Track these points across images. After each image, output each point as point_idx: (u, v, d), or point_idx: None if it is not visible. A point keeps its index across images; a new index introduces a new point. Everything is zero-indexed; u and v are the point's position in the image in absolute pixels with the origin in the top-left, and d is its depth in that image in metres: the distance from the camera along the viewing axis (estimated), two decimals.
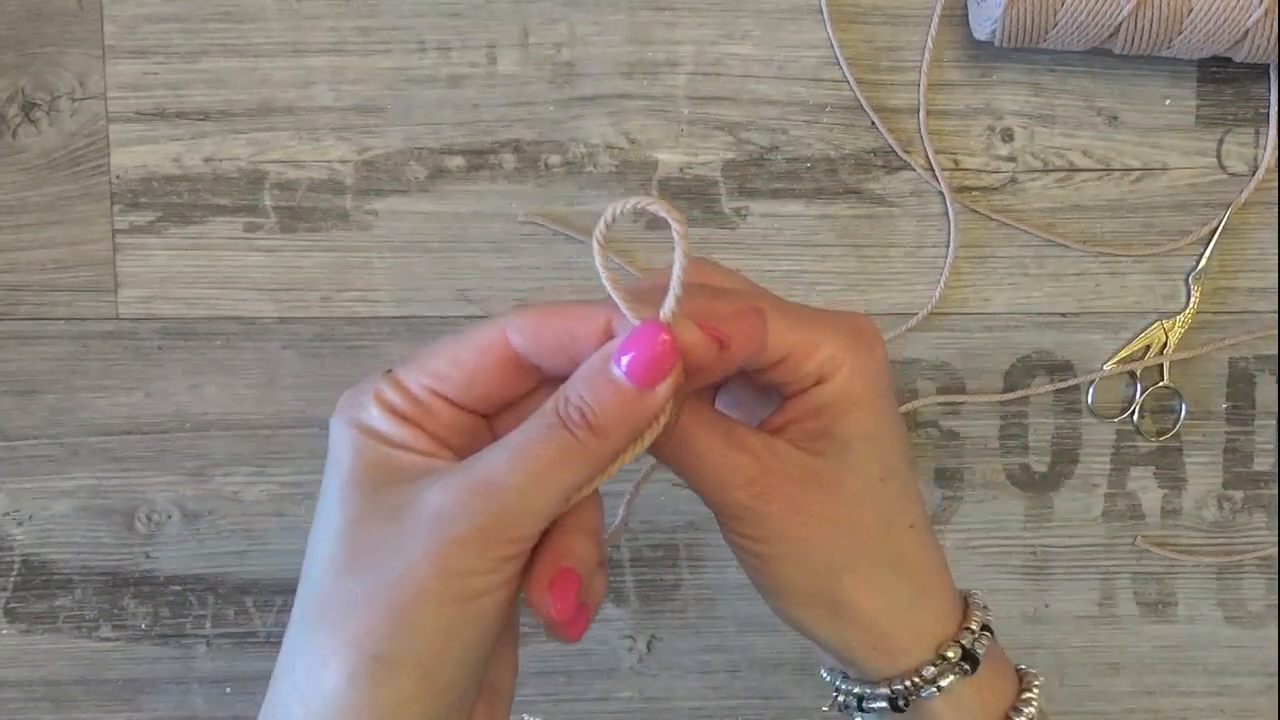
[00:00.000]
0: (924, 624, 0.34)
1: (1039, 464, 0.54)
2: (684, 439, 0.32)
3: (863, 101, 0.51)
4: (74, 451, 0.52)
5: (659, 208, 0.31)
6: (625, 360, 0.29)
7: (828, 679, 0.37)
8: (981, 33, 0.50)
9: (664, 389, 0.30)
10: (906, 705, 0.34)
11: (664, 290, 0.30)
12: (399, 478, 0.30)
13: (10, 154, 0.50)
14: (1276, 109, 0.52)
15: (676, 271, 0.30)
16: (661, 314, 0.30)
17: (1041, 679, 0.36)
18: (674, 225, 0.30)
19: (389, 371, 0.32)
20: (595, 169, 0.51)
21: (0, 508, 0.52)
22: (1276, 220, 0.53)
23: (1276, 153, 0.52)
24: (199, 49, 0.50)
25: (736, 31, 0.51)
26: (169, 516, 0.53)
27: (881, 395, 0.34)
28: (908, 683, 0.34)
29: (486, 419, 0.32)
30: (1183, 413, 0.53)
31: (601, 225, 0.31)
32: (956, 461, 0.54)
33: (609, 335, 0.31)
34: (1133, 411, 0.53)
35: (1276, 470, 0.54)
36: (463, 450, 0.31)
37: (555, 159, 0.51)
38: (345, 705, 0.28)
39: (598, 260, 0.31)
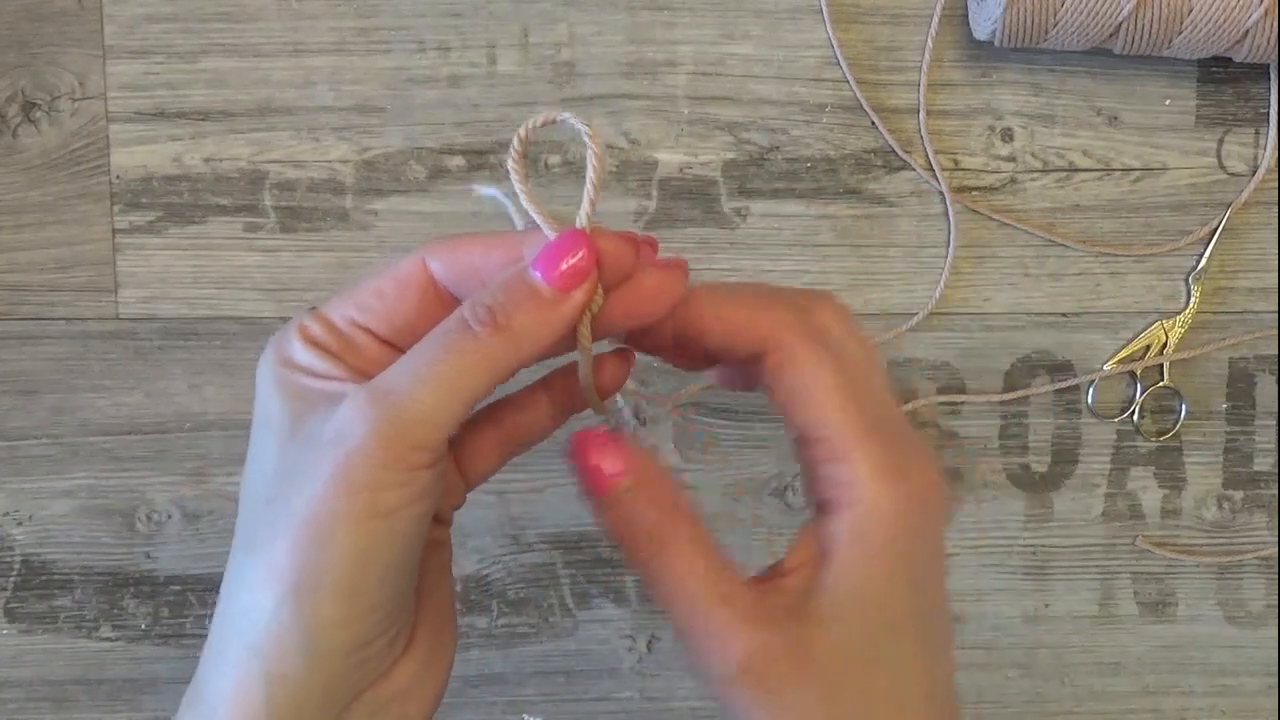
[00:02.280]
0: None
1: (1039, 464, 0.54)
2: (673, 583, 0.31)
3: (863, 101, 0.51)
4: (74, 451, 0.52)
5: (572, 119, 0.31)
6: (538, 264, 0.30)
7: None
8: (981, 33, 0.50)
9: (579, 295, 0.30)
10: None
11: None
12: (318, 405, 0.30)
13: (10, 154, 0.50)
14: (1276, 109, 0.52)
15: (590, 177, 0.31)
16: (577, 221, 0.31)
17: None
18: (585, 135, 0.31)
19: (313, 307, 0.32)
20: (595, 169, 0.51)
21: (0, 508, 0.52)
22: (1276, 220, 0.53)
23: (1276, 153, 0.52)
24: (199, 49, 0.50)
25: (736, 31, 0.51)
26: (169, 516, 0.53)
27: (905, 552, 0.30)
28: None
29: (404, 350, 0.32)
30: (1183, 413, 0.53)
31: (516, 142, 0.31)
32: (956, 461, 0.54)
33: (521, 258, 0.31)
34: (1133, 411, 0.53)
35: (1276, 470, 0.54)
36: None
37: (555, 159, 0.51)
38: (274, 632, 0.28)
39: (514, 177, 0.31)
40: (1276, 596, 0.55)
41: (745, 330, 0.31)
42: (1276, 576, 0.55)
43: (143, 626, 0.53)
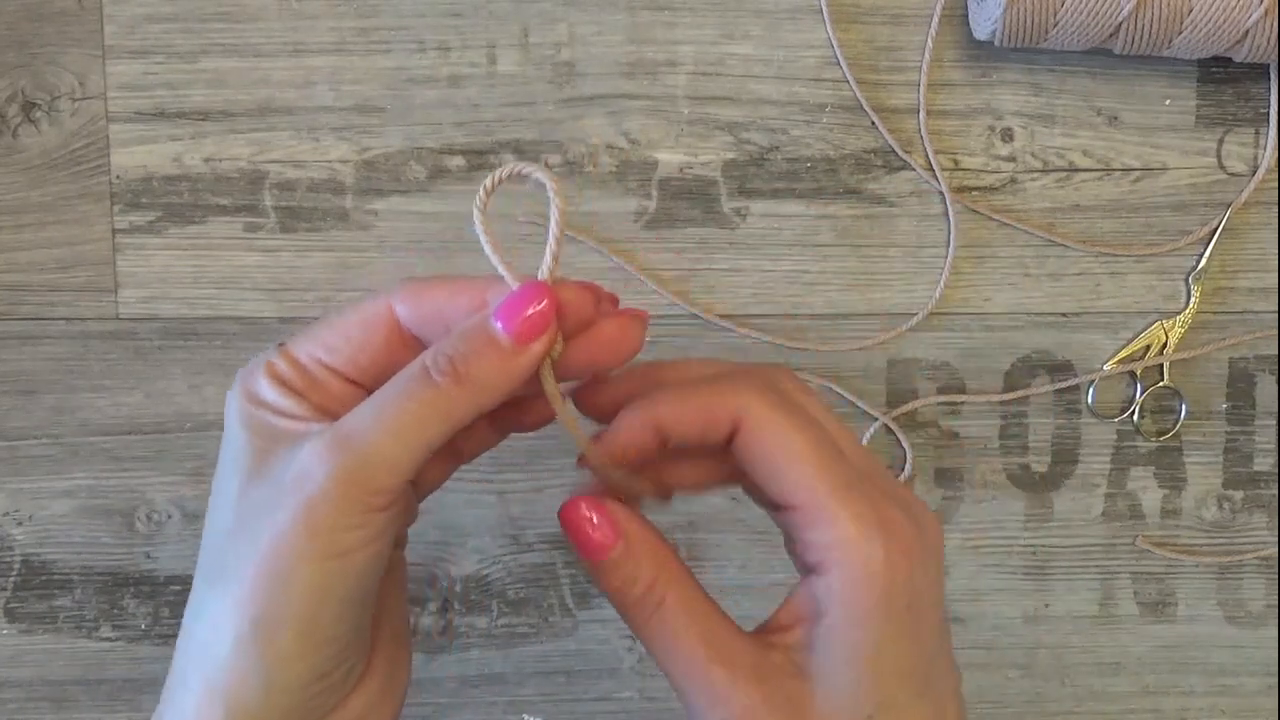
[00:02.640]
0: None
1: (1039, 464, 0.54)
2: (671, 643, 0.32)
3: (863, 101, 0.51)
4: (74, 451, 0.52)
5: (537, 173, 0.32)
6: (499, 315, 0.30)
7: None
8: (981, 33, 0.50)
9: (538, 346, 0.31)
10: None
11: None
12: (282, 443, 0.31)
13: (10, 154, 0.50)
14: (1276, 109, 0.52)
15: (552, 230, 0.31)
16: (540, 272, 0.31)
17: None
18: (549, 187, 0.31)
19: (282, 345, 0.32)
20: (595, 169, 0.51)
21: (0, 508, 0.52)
22: (1276, 220, 0.53)
23: (1276, 153, 0.52)
24: (199, 49, 0.50)
25: (736, 31, 0.51)
26: (169, 516, 0.53)
27: (899, 608, 0.30)
28: None
29: (369, 390, 0.33)
30: (1183, 413, 0.53)
31: (482, 193, 0.32)
32: (956, 461, 0.54)
33: (484, 304, 0.32)
34: (1133, 411, 0.53)
35: (1276, 470, 0.54)
36: None
37: (555, 159, 0.51)
38: (233, 666, 0.29)
39: (478, 225, 0.32)
40: (1276, 596, 0.55)
41: (715, 411, 0.32)
42: (1276, 576, 0.55)
43: (143, 626, 0.53)
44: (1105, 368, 0.53)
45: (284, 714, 0.30)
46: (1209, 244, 0.53)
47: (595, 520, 0.32)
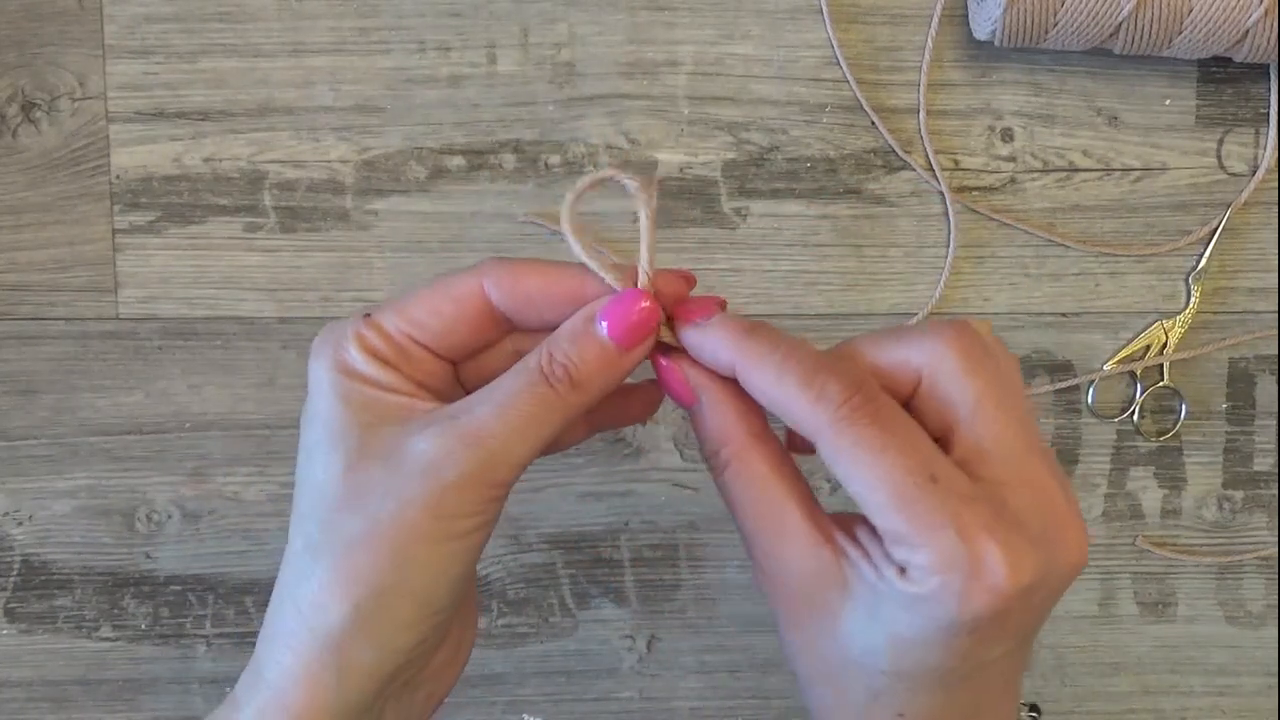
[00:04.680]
0: None
1: None
2: (741, 488, 0.33)
3: (863, 101, 0.51)
4: (74, 451, 0.52)
5: (626, 180, 0.33)
6: (607, 322, 0.32)
7: None
8: (981, 33, 0.50)
9: (640, 351, 0.32)
10: None
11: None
12: (387, 419, 0.32)
13: (10, 154, 0.50)
14: (1276, 109, 0.52)
15: (645, 233, 0.32)
16: (639, 279, 0.32)
17: None
18: (638, 194, 0.32)
19: (368, 315, 0.33)
20: (595, 169, 0.51)
21: (0, 508, 0.52)
22: (1276, 220, 0.53)
23: (1276, 153, 0.52)
24: (199, 49, 0.50)
25: (736, 31, 0.51)
26: (169, 516, 0.53)
27: (957, 653, 0.31)
28: None
29: (454, 366, 0.34)
30: (1183, 413, 0.53)
31: (569, 199, 0.33)
32: None
33: (581, 295, 0.33)
34: (1133, 411, 0.53)
35: (1276, 470, 0.54)
36: (439, 393, 0.34)
37: (555, 159, 0.51)
38: (350, 630, 0.31)
39: (569, 236, 0.33)
40: (1276, 596, 0.55)
41: (786, 414, 0.32)
42: (1276, 576, 0.55)
43: (143, 626, 0.53)
44: (1105, 368, 0.53)
45: (390, 672, 0.32)
46: (1209, 244, 0.53)
47: (675, 379, 0.33)
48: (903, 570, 0.30)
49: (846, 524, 0.33)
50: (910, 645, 0.31)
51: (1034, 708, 0.34)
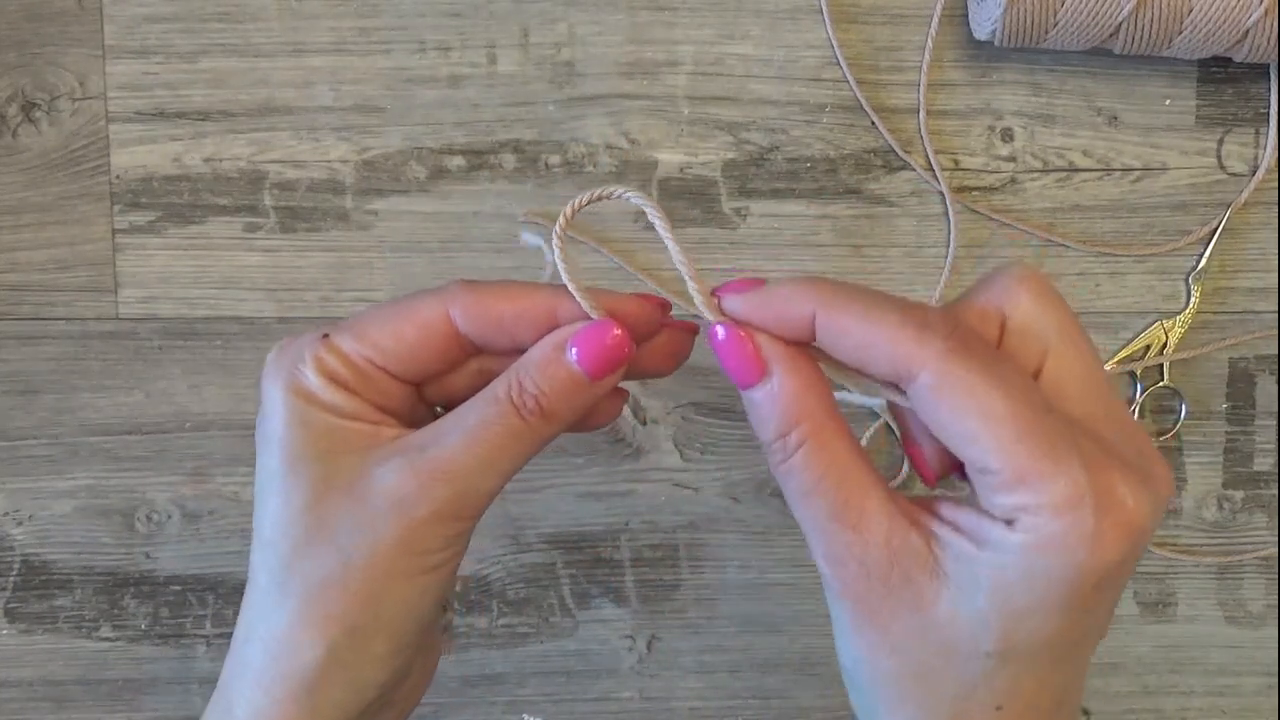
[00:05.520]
0: None
1: None
2: (802, 482, 0.31)
3: (863, 101, 0.51)
4: (74, 451, 0.52)
5: (639, 198, 0.33)
6: (576, 351, 0.31)
7: None
8: (981, 33, 0.50)
9: (612, 380, 0.32)
10: None
11: (613, 294, 0.32)
12: (348, 447, 0.31)
13: (10, 154, 0.50)
14: (1276, 109, 0.52)
15: (675, 253, 0.32)
16: (696, 300, 0.31)
17: None
18: (652, 213, 0.32)
19: (325, 336, 0.32)
20: (595, 169, 0.51)
21: (0, 508, 0.52)
22: (1276, 220, 0.53)
23: (1276, 153, 0.52)
24: (199, 49, 0.50)
25: (736, 31, 0.51)
26: (169, 516, 0.53)
27: (1086, 589, 0.28)
28: None
29: (416, 388, 0.34)
30: (1183, 413, 0.53)
31: (562, 220, 0.32)
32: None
33: (552, 320, 0.32)
34: (1133, 411, 0.53)
35: (1276, 470, 0.54)
36: (401, 415, 0.33)
37: (555, 159, 0.51)
38: (323, 671, 0.31)
39: (557, 255, 0.32)
40: (1276, 596, 0.55)
41: (880, 354, 0.29)
42: (1276, 576, 0.55)
43: (143, 626, 0.53)
44: (1105, 368, 0.53)
45: (363, 706, 0.32)
46: (1209, 244, 0.53)
47: (744, 350, 0.31)
48: (1011, 524, 0.28)
49: (925, 505, 0.31)
50: (1025, 614, 0.28)
51: (1084, 710, 0.33)
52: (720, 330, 0.31)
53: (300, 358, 0.32)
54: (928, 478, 0.33)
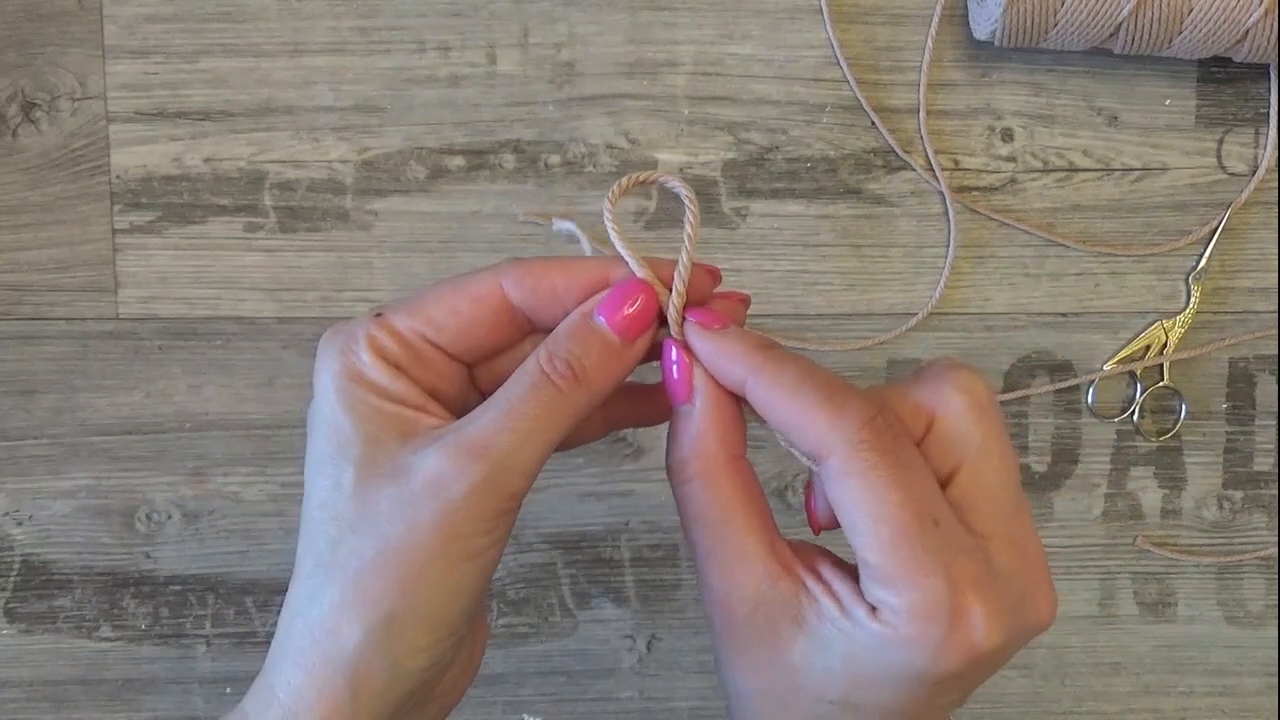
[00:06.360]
0: None
1: (1039, 464, 0.54)
2: (699, 503, 0.32)
3: (863, 101, 0.51)
4: (74, 451, 0.52)
5: (671, 181, 0.33)
6: (606, 315, 0.31)
7: None
8: (981, 33, 0.50)
9: (642, 343, 0.32)
10: None
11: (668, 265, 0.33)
12: (394, 432, 0.31)
13: (10, 154, 0.50)
14: (1276, 109, 0.52)
15: (687, 230, 0.32)
16: (677, 271, 0.32)
17: None
18: (687, 200, 0.33)
19: (379, 315, 0.32)
20: (595, 169, 0.51)
21: (0, 508, 0.52)
22: (1276, 220, 0.53)
23: (1276, 153, 0.52)
24: (199, 49, 0.50)
25: (736, 31, 0.51)
26: (169, 516, 0.53)
27: (921, 692, 0.30)
28: None
29: (468, 367, 0.33)
30: (1183, 413, 0.53)
31: (613, 193, 0.33)
32: None
33: (607, 286, 0.32)
34: (1133, 411, 0.53)
35: (1276, 470, 0.54)
36: (450, 399, 0.33)
37: (555, 159, 0.51)
38: (363, 655, 0.30)
39: (609, 222, 0.32)
40: (1276, 596, 0.55)
41: (798, 430, 0.31)
42: (1276, 576, 0.55)
43: (142, 626, 0.53)
44: (1105, 368, 0.53)
45: (403, 694, 0.31)
46: (1209, 244, 0.53)
47: (682, 371, 0.33)
48: (874, 610, 0.30)
49: (808, 556, 0.32)
50: (868, 683, 0.30)
51: None
52: (673, 349, 0.33)
53: (353, 337, 0.32)
54: (814, 527, 0.35)
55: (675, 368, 0.33)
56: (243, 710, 0.32)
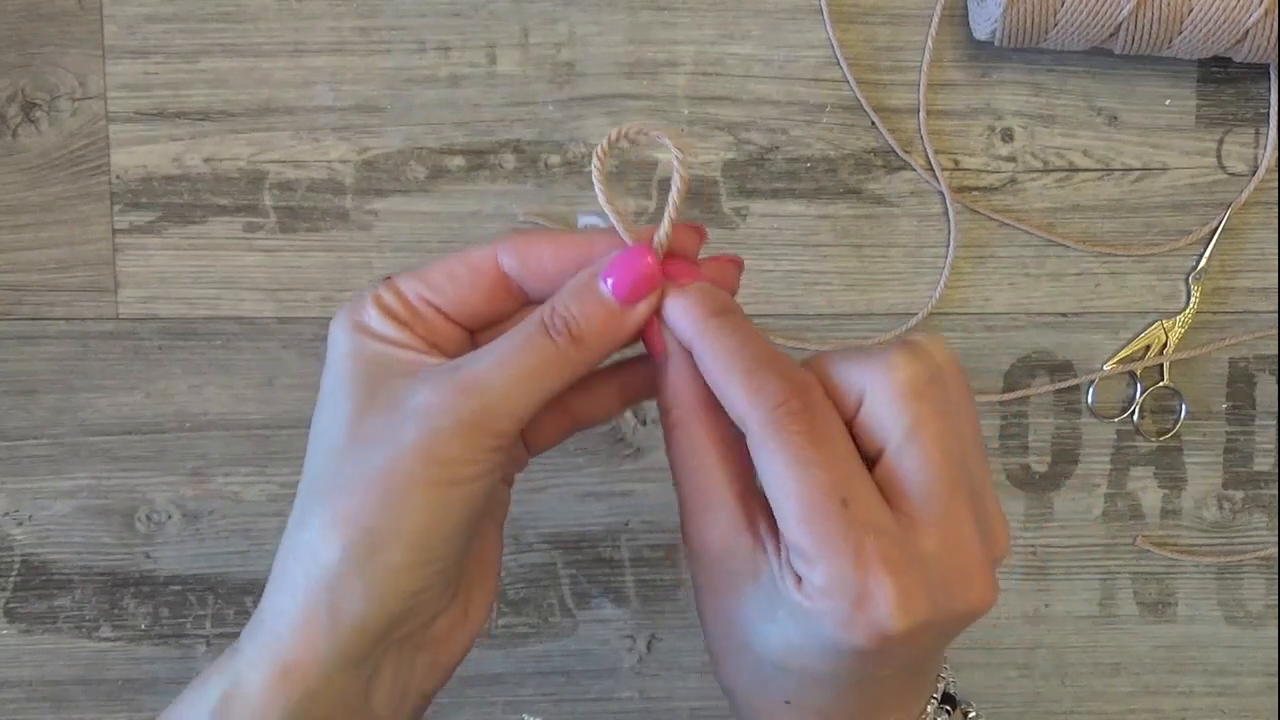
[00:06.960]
0: None
1: (1039, 464, 0.54)
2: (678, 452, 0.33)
3: (863, 101, 0.51)
4: (74, 451, 0.52)
5: (660, 134, 0.33)
6: (610, 279, 0.32)
7: None
8: (981, 33, 0.50)
9: (644, 307, 0.33)
10: None
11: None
12: (394, 372, 0.33)
13: (10, 154, 0.50)
14: (1276, 109, 0.52)
15: (675, 185, 0.33)
16: (657, 236, 0.33)
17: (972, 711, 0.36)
18: (675, 151, 0.33)
19: (388, 279, 0.34)
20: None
21: (0, 508, 0.52)
22: (1276, 220, 0.53)
23: (1276, 153, 0.52)
24: (199, 49, 0.50)
25: (736, 31, 0.51)
26: (169, 516, 0.53)
27: (845, 667, 0.32)
28: None
29: (471, 334, 0.35)
30: (1183, 413, 0.53)
31: (603, 144, 0.33)
32: None
33: (591, 260, 0.33)
34: (1133, 411, 0.53)
35: (1276, 470, 0.54)
36: (450, 355, 0.34)
37: (555, 159, 0.51)
38: (340, 572, 0.31)
39: (596, 179, 0.33)
40: (1276, 596, 0.55)
41: (723, 400, 0.32)
42: (1276, 576, 0.55)
43: (142, 626, 0.53)
44: (1105, 368, 0.53)
45: (383, 621, 0.32)
46: (1209, 244, 0.53)
47: (654, 326, 0.33)
48: (799, 581, 0.30)
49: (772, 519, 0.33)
50: (798, 650, 0.31)
51: (947, 698, 0.34)
52: (642, 305, 0.33)
53: (361, 297, 0.34)
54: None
55: (649, 321, 0.34)
56: (237, 643, 0.33)
